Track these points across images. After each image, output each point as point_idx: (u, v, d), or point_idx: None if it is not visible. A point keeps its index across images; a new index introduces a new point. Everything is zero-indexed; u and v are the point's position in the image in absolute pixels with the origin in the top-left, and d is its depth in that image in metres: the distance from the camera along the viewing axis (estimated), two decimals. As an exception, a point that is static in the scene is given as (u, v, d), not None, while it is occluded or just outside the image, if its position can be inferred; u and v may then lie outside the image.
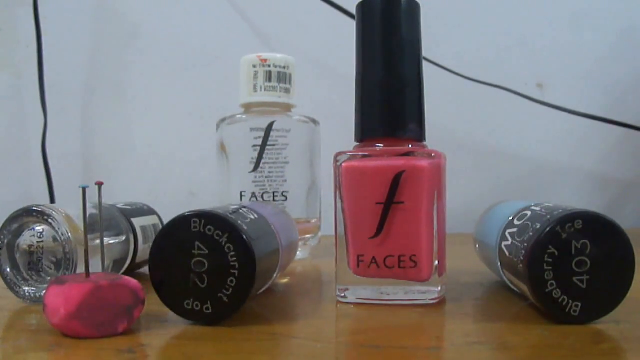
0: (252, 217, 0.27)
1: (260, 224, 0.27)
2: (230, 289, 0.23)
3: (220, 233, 0.23)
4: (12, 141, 0.64)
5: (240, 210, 0.27)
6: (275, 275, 0.29)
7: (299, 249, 0.44)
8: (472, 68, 0.61)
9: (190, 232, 0.24)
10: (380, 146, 0.28)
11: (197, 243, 0.24)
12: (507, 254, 0.26)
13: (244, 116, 0.44)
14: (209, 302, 0.24)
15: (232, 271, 0.23)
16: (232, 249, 0.23)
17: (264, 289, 0.29)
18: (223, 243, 0.23)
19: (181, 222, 0.24)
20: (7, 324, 0.26)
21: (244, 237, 0.23)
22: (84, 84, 0.64)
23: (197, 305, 0.24)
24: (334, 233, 0.29)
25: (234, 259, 0.23)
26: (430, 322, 0.25)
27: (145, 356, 0.20)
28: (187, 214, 0.24)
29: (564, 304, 0.23)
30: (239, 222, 0.24)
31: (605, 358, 0.20)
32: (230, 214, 0.25)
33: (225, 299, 0.23)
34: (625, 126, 0.60)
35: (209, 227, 0.23)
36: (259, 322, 0.25)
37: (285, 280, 0.36)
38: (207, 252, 0.24)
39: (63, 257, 0.28)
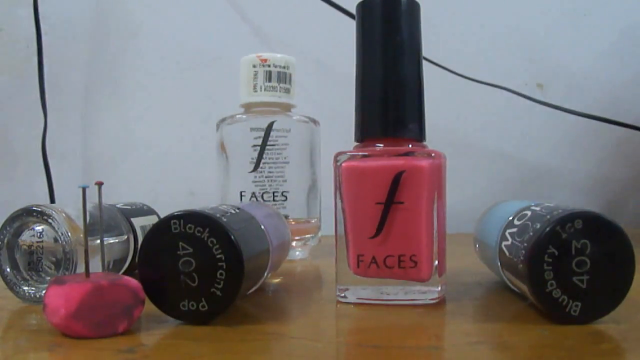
0: (233, 211, 0.27)
1: (242, 217, 0.27)
2: (222, 282, 0.24)
3: (201, 229, 0.24)
4: (12, 141, 0.64)
5: (221, 207, 0.27)
6: (267, 268, 0.29)
7: (299, 249, 0.44)
8: (472, 68, 0.61)
9: (172, 234, 0.24)
10: (380, 146, 0.28)
11: (180, 243, 0.24)
12: (507, 254, 0.26)
13: (244, 116, 0.44)
14: (203, 300, 0.24)
15: (220, 264, 0.24)
16: (215, 242, 0.24)
17: (258, 284, 0.29)
18: (205, 238, 0.24)
19: (161, 226, 0.24)
20: (7, 324, 0.26)
21: (225, 227, 0.24)
22: (84, 84, 0.64)
23: (192, 305, 0.24)
24: (334, 233, 0.29)
25: (219, 251, 0.24)
26: (430, 322, 0.25)
27: (145, 356, 0.20)
28: (165, 217, 0.24)
29: (564, 304, 0.23)
30: (218, 215, 0.24)
31: (605, 358, 0.20)
32: (209, 210, 0.25)
33: (218, 292, 0.24)
34: (625, 126, 0.60)
35: (189, 225, 0.24)
36: (258, 322, 0.25)
37: (284, 281, 0.36)
38: (191, 250, 0.24)
39: (63, 257, 0.28)
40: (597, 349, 0.21)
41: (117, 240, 0.32)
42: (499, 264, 0.28)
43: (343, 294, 0.28)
